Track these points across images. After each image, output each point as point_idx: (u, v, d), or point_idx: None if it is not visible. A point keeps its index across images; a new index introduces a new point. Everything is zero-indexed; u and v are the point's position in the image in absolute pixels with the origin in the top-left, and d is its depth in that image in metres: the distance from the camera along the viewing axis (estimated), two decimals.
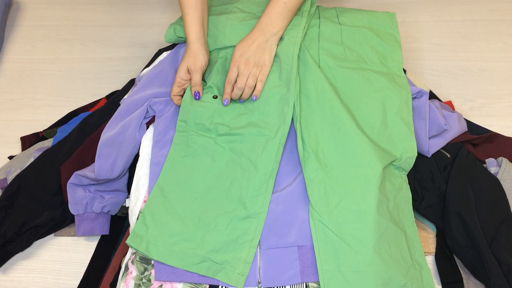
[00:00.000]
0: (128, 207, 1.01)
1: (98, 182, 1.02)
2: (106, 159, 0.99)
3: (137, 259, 0.88)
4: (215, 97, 1.00)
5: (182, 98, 1.00)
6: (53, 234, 1.09)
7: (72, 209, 1.02)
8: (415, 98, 1.04)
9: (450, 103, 1.23)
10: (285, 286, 0.85)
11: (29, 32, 1.52)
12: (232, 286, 0.84)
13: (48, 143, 1.20)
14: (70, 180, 1.01)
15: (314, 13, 1.11)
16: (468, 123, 1.17)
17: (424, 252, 0.95)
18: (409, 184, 0.97)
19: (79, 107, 1.31)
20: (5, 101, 1.36)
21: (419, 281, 0.87)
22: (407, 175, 0.98)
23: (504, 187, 1.01)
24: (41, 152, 1.12)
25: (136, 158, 1.02)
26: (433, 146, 1.03)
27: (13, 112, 1.33)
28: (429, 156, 1.03)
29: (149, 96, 1.04)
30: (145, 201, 0.94)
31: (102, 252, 1.05)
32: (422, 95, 1.04)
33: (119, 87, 1.34)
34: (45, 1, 1.60)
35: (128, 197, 1.07)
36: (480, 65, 1.36)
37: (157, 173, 0.95)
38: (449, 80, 1.34)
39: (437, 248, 1.01)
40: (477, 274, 0.95)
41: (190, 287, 0.85)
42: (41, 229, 1.05)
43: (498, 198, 0.99)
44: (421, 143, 1.01)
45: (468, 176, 1.00)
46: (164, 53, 1.16)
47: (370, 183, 0.88)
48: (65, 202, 1.05)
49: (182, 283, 0.85)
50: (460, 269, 0.98)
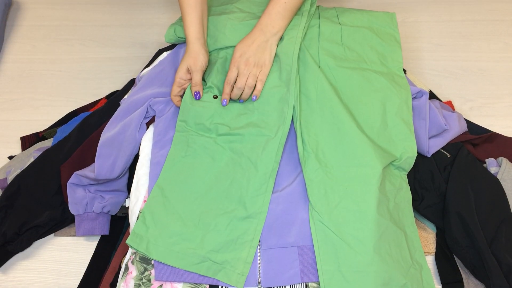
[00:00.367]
0: (128, 207, 1.01)
1: (98, 182, 1.02)
2: (106, 159, 0.99)
3: (137, 259, 0.88)
4: (215, 97, 1.00)
5: (182, 98, 1.01)
6: (53, 234, 1.09)
7: (72, 209, 1.02)
8: (415, 98, 1.04)
9: (450, 103, 1.23)
10: (285, 286, 0.85)
11: (29, 32, 1.52)
12: (232, 286, 0.84)
13: (48, 143, 1.20)
14: (70, 180, 1.01)
15: (314, 13, 1.11)
16: (468, 123, 1.17)
17: (424, 252, 0.95)
18: (409, 184, 0.97)
19: (79, 107, 1.31)
20: (5, 101, 1.36)
21: (419, 281, 0.87)
22: (407, 175, 0.98)
23: (504, 187, 1.01)
24: (41, 152, 1.12)
25: (136, 158, 1.02)
26: (433, 146, 1.03)
27: (13, 112, 1.33)
28: (429, 156, 1.03)
29: (149, 96, 1.04)
30: (145, 201, 0.94)
31: (102, 252, 1.05)
32: (422, 95, 1.04)
33: (119, 87, 1.34)
34: (45, 1, 1.60)
35: (128, 197, 1.07)
36: (480, 65, 1.36)
37: (157, 173, 0.95)
38: (449, 80, 1.34)
39: (437, 248, 1.01)
40: (477, 274, 0.95)
41: (190, 287, 0.85)
42: (41, 229, 1.05)
43: (498, 198, 0.99)
44: (421, 143, 1.01)
45: (468, 176, 1.00)
46: (164, 53, 1.16)
47: (370, 183, 0.88)
48: (65, 202, 1.05)
49: (182, 283, 0.85)
50: (460, 269, 0.98)
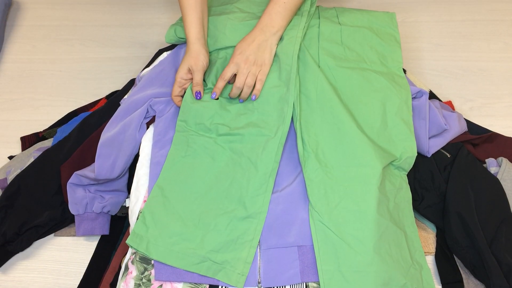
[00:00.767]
0: (128, 207, 1.01)
1: (98, 182, 1.02)
2: (106, 159, 0.99)
3: (137, 259, 0.88)
4: (216, 99, 1.00)
5: (183, 98, 1.01)
6: (53, 234, 1.09)
7: (72, 209, 1.02)
8: (415, 98, 1.04)
9: (450, 103, 1.23)
10: (285, 286, 0.85)
11: (29, 32, 1.52)
12: (232, 286, 0.84)
13: (48, 143, 1.20)
14: (70, 180, 1.01)
15: (314, 13, 1.11)
16: (468, 123, 1.17)
17: (424, 252, 0.95)
18: (409, 184, 0.97)
19: (79, 107, 1.31)
20: (5, 101, 1.36)
21: (419, 281, 0.87)
22: (407, 175, 0.98)
23: (504, 187, 1.01)
24: (41, 152, 1.12)
25: (136, 158, 1.02)
26: (433, 146, 1.03)
27: (13, 112, 1.33)
28: (429, 156, 1.03)
29: (149, 96, 1.04)
30: (145, 201, 0.94)
31: (102, 252, 1.05)
32: (422, 95, 1.04)
33: (119, 87, 1.34)
34: (45, 1, 1.60)
35: (128, 197, 1.07)
36: (480, 65, 1.36)
37: (157, 173, 0.95)
38: (449, 80, 1.34)
39: (437, 248, 1.01)
40: (477, 274, 0.95)
41: (190, 287, 0.85)
42: (41, 229, 1.05)
43: (498, 198, 0.99)
44: (421, 143, 1.01)
45: (468, 176, 1.00)
46: (164, 53, 1.16)
47: (370, 183, 0.88)
48: (65, 202, 1.05)
49: (182, 283, 0.85)
50: (460, 269, 0.98)
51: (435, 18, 1.48)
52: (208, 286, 0.85)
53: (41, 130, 1.27)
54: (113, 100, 1.19)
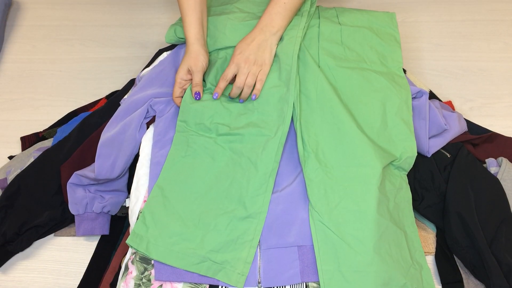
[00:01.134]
0: (128, 207, 1.01)
1: (98, 182, 1.02)
2: (106, 159, 0.99)
3: (137, 259, 0.88)
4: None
5: (182, 98, 1.01)
6: (53, 234, 1.09)
7: (72, 209, 1.02)
8: (415, 98, 1.04)
9: (450, 103, 1.23)
10: (285, 286, 0.85)
11: (29, 32, 1.52)
12: (232, 286, 0.84)
13: (48, 143, 1.20)
14: (70, 180, 1.01)
15: (314, 13, 1.11)
16: (468, 123, 1.17)
17: (424, 252, 0.95)
18: (409, 184, 0.97)
19: (79, 107, 1.31)
20: (5, 101, 1.36)
21: (419, 281, 0.87)
22: (407, 175, 0.98)
23: (504, 187, 1.01)
24: (41, 152, 1.12)
25: (136, 158, 1.02)
26: (433, 146, 1.03)
27: (13, 112, 1.33)
28: (429, 156, 1.03)
29: (149, 96, 1.04)
30: (145, 201, 0.94)
31: (102, 252, 1.05)
32: (422, 95, 1.04)
33: (119, 87, 1.34)
34: (45, 1, 1.60)
35: (128, 197, 1.07)
36: (480, 65, 1.36)
37: (157, 173, 0.95)
38: (449, 80, 1.34)
39: (437, 248, 1.01)
40: (477, 274, 0.95)
41: (190, 287, 0.85)
42: (41, 229, 1.05)
43: (498, 198, 0.99)
44: (421, 143, 1.01)
45: (468, 176, 1.00)
46: (164, 53, 1.16)
47: (370, 183, 0.88)
48: (65, 202, 1.05)
49: (182, 283, 0.85)
50: (460, 269, 0.98)
51: (435, 18, 1.48)
52: (208, 286, 0.85)
53: (41, 130, 1.27)
54: (113, 100, 1.19)
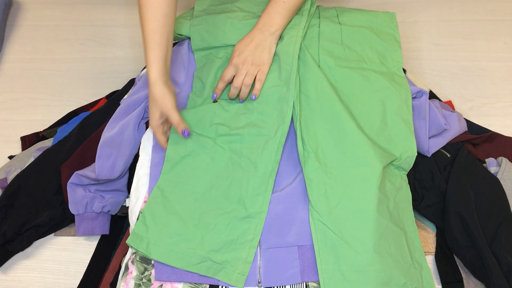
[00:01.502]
0: (128, 207, 1.01)
1: (98, 182, 1.02)
2: (107, 160, 0.99)
3: (137, 259, 0.88)
4: (215, 101, 1.00)
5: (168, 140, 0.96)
6: (53, 234, 1.09)
7: (72, 208, 1.02)
8: (415, 97, 1.04)
9: (450, 103, 1.23)
10: (285, 286, 0.85)
11: (29, 32, 1.52)
12: (233, 286, 0.84)
13: (48, 143, 1.20)
14: (70, 180, 1.01)
15: (314, 13, 1.11)
16: (468, 123, 1.17)
17: (424, 252, 0.95)
18: (409, 183, 0.97)
19: (79, 107, 1.31)
20: (5, 101, 1.36)
21: (419, 280, 0.87)
22: (407, 175, 0.98)
23: (504, 187, 1.01)
24: (41, 152, 1.12)
25: (136, 158, 1.02)
26: (433, 146, 1.03)
27: (13, 112, 1.33)
28: (429, 155, 1.03)
29: (146, 96, 1.04)
30: (145, 201, 0.94)
31: (102, 252, 1.05)
32: (422, 95, 1.04)
33: (119, 87, 1.33)
34: (45, 1, 1.60)
35: (128, 197, 1.07)
36: (480, 65, 1.36)
37: (157, 174, 0.95)
38: (449, 80, 1.34)
39: (437, 248, 1.01)
40: (477, 274, 0.95)
41: (191, 287, 0.85)
42: (41, 229, 1.05)
43: (498, 198, 0.99)
44: (421, 143, 1.01)
45: (468, 176, 1.00)
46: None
47: (370, 183, 0.88)
48: (65, 202, 1.05)
49: (182, 283, 0.85)
50: (460, 269, 0.98)
51: (435, 18, 1.48)
52: (208, 286, 0.85)
53: (41, 130, 1.27)
54: (113, 100, 1.19)
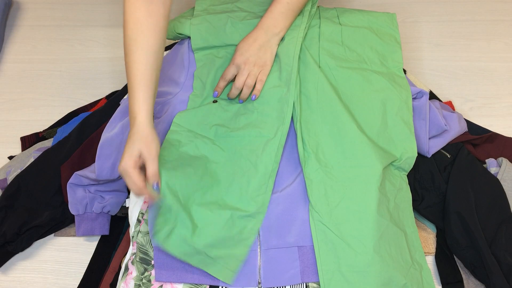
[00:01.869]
0: (128, 207, 1.01)
1: (98, 182, 1.02)
2: (107, 160, 0.99)
3: (137, 260, 0.88)
4: (214, 101, 1.00)
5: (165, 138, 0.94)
6: (53, 234, 1.09)
7: (72, 209, 1.02)
8: (415, 98, 1.04)
9: (450, 103, 1.23)
10: (285, 286, 0.85)
11: (29, 32, 1.52)
12: (226, 283, 0.84)
13: (48, 143, 1.20)
14: (70, 180, 1.01)
15: (315, 13, 1.11)
16: (468, 123, 1.17)
17: (424, 252, 0.95)
18: (409, 184, 0.97)
19: (79, 107, 1.31)
20: (5, 101, 1.36)
21: (419, 281, 0.87)
22: (407, 175, 0.98)
23: (504, 187, 1.01)
24: (41, 152, 1.12)
25: None
26: (433, 147, 1.03)
27: (13, 112, 1.33)
28: (429, 156, 1.03)
29: None
30: (145, 202, 0.94)
31: (102, 252, 1.05)
32: (422, 96, 1.04)
33: (119, 87, 1.33)
34: (45, 1, 1.60)
35: (128, 197, 1.07)
36: (480, 65, 1.36)
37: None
38: (449, 80, 1.34)
39: (437, 248, 1.02)
40: (477, 274, 0.95)
41: (190, 287, 0.85)
42: (41, 229, 1.05)
43: (498, 198, 0.99)
44: (421, 143, 1.01)
45: (468, 176, 1.00)
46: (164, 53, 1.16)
47: (370, 183, 0.88)
48: (65, 202, 1.05)
49: (182, 283, 0.85)
50: (460, 269, 0.98)
51: (435, 18, 1.48)
52: (208, 286, 0.85)
53: (41, 130, 1.27)
54: (113, 100, 1.19)
